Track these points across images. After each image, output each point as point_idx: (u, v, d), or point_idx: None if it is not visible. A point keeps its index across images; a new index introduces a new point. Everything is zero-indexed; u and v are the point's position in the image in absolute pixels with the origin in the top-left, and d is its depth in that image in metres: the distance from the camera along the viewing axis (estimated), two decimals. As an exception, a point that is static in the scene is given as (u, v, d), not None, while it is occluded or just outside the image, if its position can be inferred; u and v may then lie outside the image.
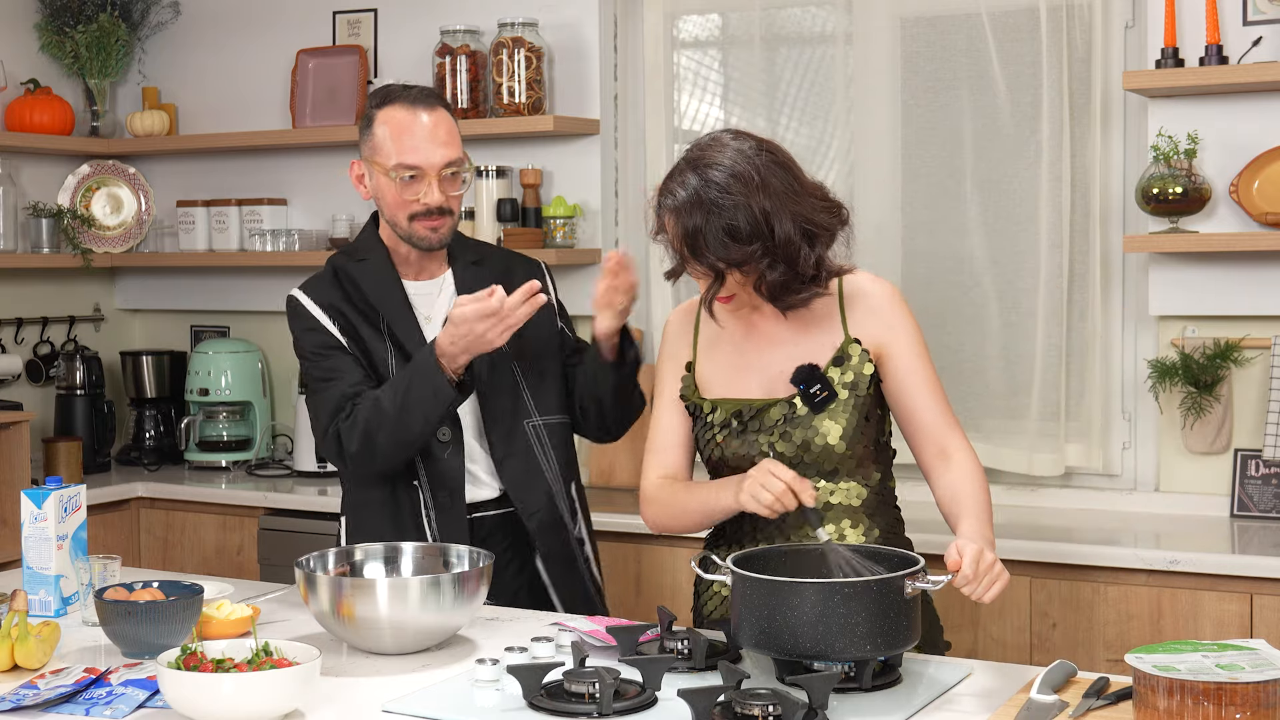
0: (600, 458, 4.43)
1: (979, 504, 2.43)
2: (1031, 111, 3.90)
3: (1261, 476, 3.68)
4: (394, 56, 4.69)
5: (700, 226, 2.36)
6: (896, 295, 2.54)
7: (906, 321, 2.52)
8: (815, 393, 2.45)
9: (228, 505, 4.40)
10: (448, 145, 2.82)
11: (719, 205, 2.36)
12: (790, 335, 2.52)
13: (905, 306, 2.54)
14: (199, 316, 5.17)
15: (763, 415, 2.48)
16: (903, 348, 2.50)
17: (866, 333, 2.50)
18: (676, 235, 2.40)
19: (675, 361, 2.64)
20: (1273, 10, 3.63)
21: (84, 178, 4.96)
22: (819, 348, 2.50)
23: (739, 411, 2.50)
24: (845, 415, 2.46)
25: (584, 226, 4.43)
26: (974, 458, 2.50)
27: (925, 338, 2.56)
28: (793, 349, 2.51)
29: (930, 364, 2.53)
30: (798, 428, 2.46)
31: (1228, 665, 1.93)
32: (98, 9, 4.89)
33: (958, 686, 2.20)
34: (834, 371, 2.47)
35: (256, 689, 2.00)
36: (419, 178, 2.81)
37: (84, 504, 2.77)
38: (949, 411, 2.52)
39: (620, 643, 2.31)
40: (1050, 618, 3.41)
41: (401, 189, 2.81)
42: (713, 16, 4.36)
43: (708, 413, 2.54)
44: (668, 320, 2.70)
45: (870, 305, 2.52)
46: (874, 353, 2.50)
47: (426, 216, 2.82)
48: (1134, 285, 3.87)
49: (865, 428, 2.48)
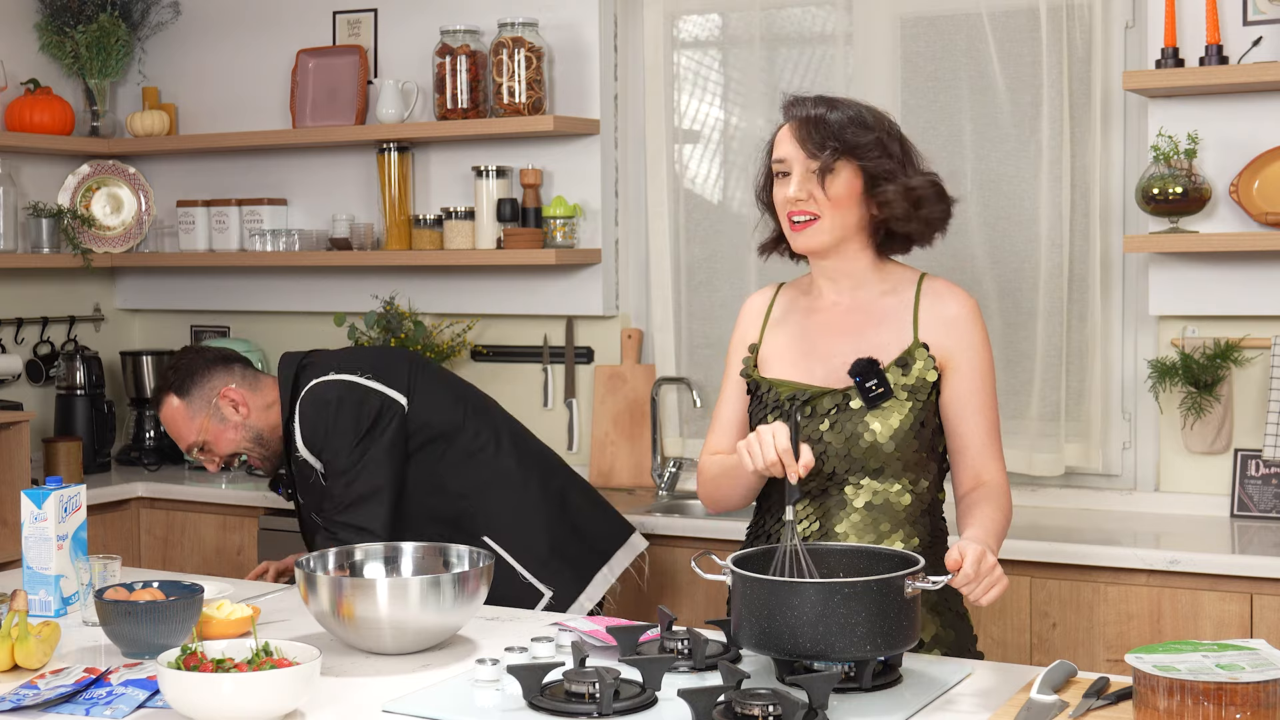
0: (600, 458, 4.43)
1: (993, 520, 2.43)
2: (1031, 111, 3.90)
3: (1261, 476, 3.69)
4: (394, 56, 4.69)
5: (824, 115, 2.46)
6: (976, 313, 2.52)
7: (979, 341, 2.51)
8: (871, 388, 2.44)
9: (228, 505, 4.40)
10: (181, 438, 3.30)
11: (848, 105, 2.49)
12: (858, 328, 2.51)
13: (982, 325, 2.52)
14: (199, 316, 5.17)
15: (816, 402, 2.48)
16: (969, 367, 2.49)
17: (936, 340, 2.49)
18: (795, 129, 2.46)
19: (742, 345, 2.64)
20: (1273, 10, 3.63)
21: (84, 178, 4.96)
22: (885, 345, 2.49)
23: (794, 395, 2.49)
24: (899, 416, 2.44)
25: (584, 226, 4.43)
26: (1006, 490, 2.50)
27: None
28: (859, 342, 2.49)
29: (991, 389, 2.51)
30: (849, 420, 2.45)
31: (1228, 665, 1.93)
32: (98, 9, 4.89)
33: (958, 686, 2.20)
34: (895, 371, 2.46)
35: (256, 689, 2.00)
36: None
37: (84, 504, 2.76)
38: (996, 441, 2.52)
39: (620, 643, 2.31)
40: (1050, 618, 3.41)
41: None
42: (713, 16, 4.36)
43: (764, 391, 2.54)
44: (744, 305, 2.69)
45: (947, 315, 2.50)
46: (940, 362, 2.49)
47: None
48: (1134, 285, 3.87)
49: (919, 433, 2.46)
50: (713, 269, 4.34)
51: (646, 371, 4.41)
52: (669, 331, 4.39)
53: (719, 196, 4.36)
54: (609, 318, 4.48)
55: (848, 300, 2.54)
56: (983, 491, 2.48)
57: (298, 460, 3.20)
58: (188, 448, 3.28)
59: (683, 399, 4.41)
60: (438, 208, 4.57)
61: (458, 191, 4.58)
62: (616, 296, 4.47)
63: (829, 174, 2.44)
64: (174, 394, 3.25)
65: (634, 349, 4.41)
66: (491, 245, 4.43)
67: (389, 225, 4.59)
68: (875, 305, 2.52)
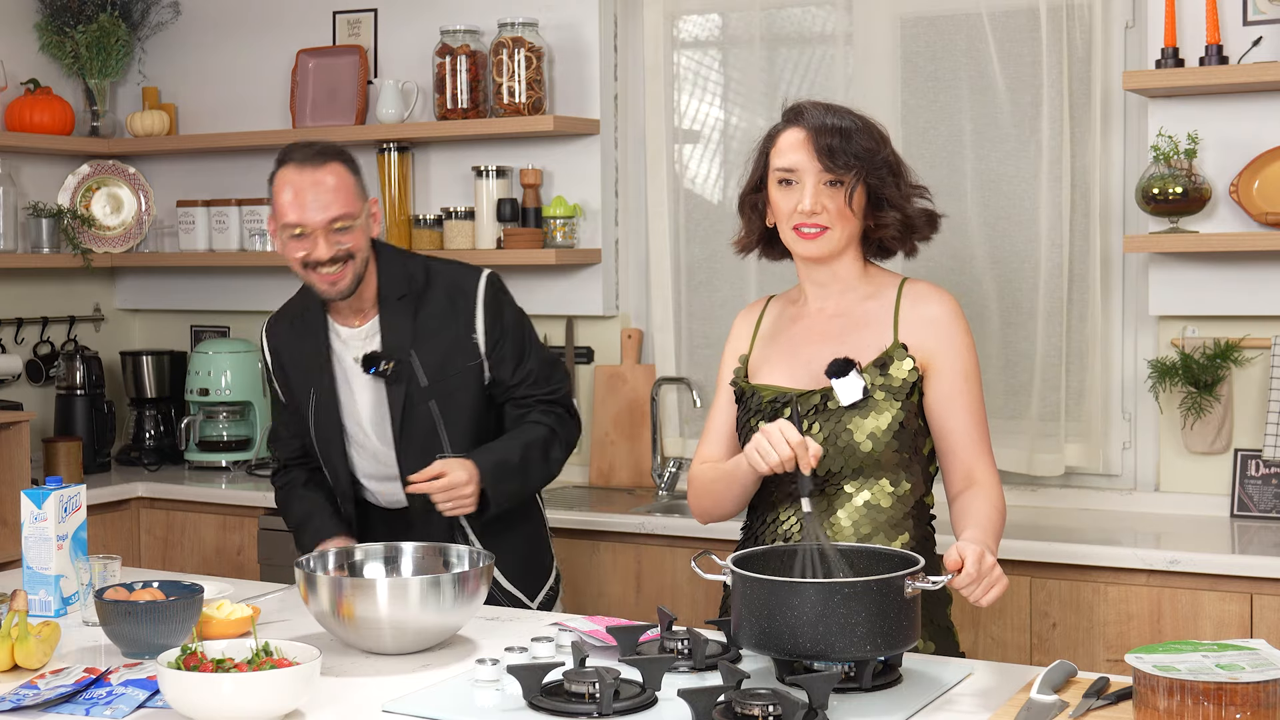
0: (600, 458, 4.43)
1: (989, 521, 2.43)
2: (1031, 111, 3.90)
3: (1261, 476, 3.68)
4: (394, 56, 4.69)
5: (845, 129, 2.48)
6: (957, 312, 2.54)
7: (961, 340, 2.52)
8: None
9: (228, 505, 4.40)
10: (331, 204, 2.90)
11: (854, 117, 2.52)
12: (840, 332, 2.54)
13: (964, 324, 2.54)
14: (199, 316, 5.17)
15: (799, 403, 2.49)
16: (951, 367, 2.50)
17: (916, 341, 2.50)
18: (811, 141, 2.47)
19: (734, 355, 2.67)
20: (1273, 10, 3.63)
21: (84, 178, 4.96)
22: (865, 347, 2.51)
23: (775, 398, 2.51)
24: (877, 416, 2.45)
25: (584, 226, 4.43)
26: (998, 488, 2.50)
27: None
28: (839, 345, 2.52)
29: (977, 388, 2.52)
30: (827, 421, 2.46)
31: (1228, 665, 1.93)
32: (98, 9, 4.89)
33: (958, 686, 2.20)
34: (873, 372, 2.47)
35: (256, 689, 2.00)
36: (304, 234, 2.90)
37: (84, 504, 2.77)
38: (984, 439, 2.52)
39: (620, 643, 2.31)
40: (1050, 618, 3.41)
41: (293, 245, 2.92)
42: (713, 16, 4.36)
43: (748, 396, 2.57)
44: (737, 317, 2.73)
45: (928, 315, 2.52)
46: (921, 362, 2.50)
47: (318, 268, 2.92)
48: (1134, 285, 3.87)
49: (900, 434, 2.47)
50: (713, 269, 4.34)
51: (646, 371, 4.41)
52: (669, 331, 4.39)
53: (719, 196, 4.36)
54: (609, 318, 4.48)
55: (832, 306, 2.57)
56: (975, 491, 2.48)
57: (455, 340, 3.03)
58: (331, 220, 2.88)
59: (683, 399, 4.41)
60: (438, 208, 4.57)
61: (458, 191, 4.58)
62: (616, 296, 4.47)
63: (847, 189, 2.47)
64: (346, 166, 2.98)
65: (634, 349, 4.41)
66: (491, 245, 4.43)
67: (389, 225, 4.59)
68: (857, 309, 2.55)
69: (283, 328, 3.15)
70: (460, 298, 3.06)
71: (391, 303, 3.02)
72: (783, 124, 2.54)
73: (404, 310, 3.02)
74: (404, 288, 3.03)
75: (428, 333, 3.02)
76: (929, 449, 2.55)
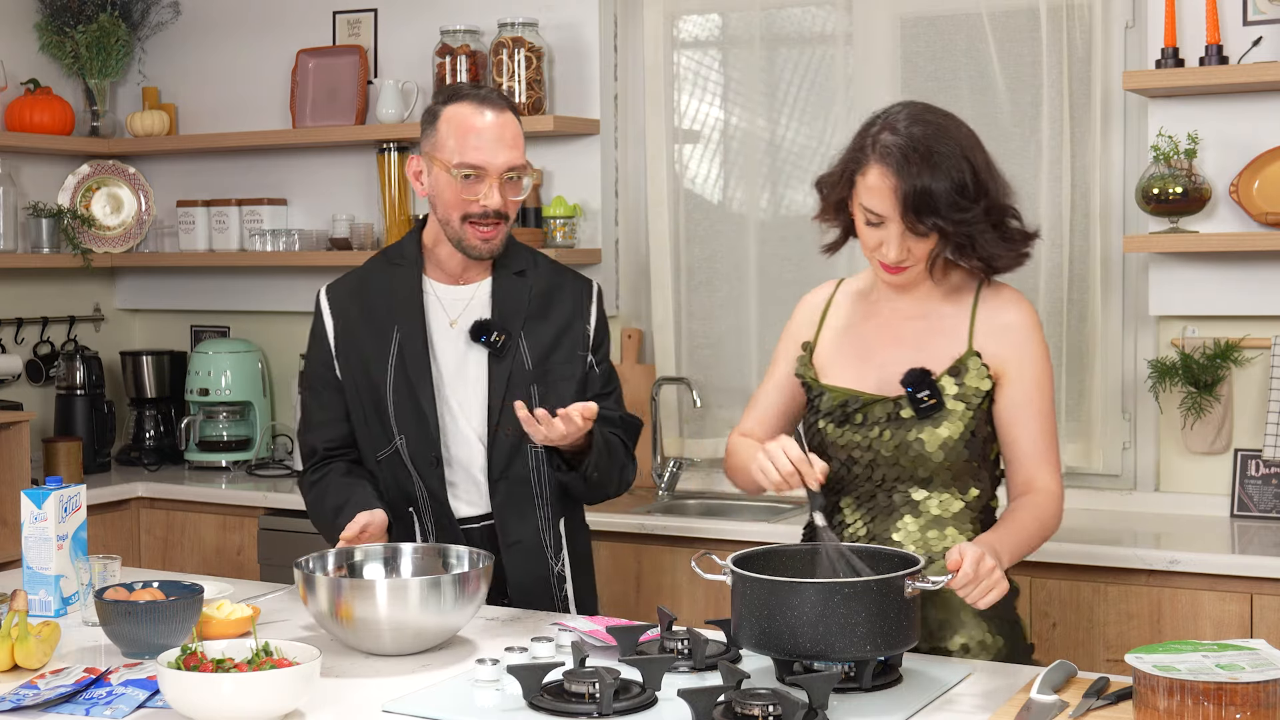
0: (600, 458, 4.43)
1: (1021, 528, 2.40)
2: (1031, 111, 3.90)
3: (1261, 476, 3.68)
4: (394, 56, 4.69)
5: (930, 187, 2.34)
6: (1034, 321, 2.50)
7: (1035, 350, 2.48)
8: (923, 399, 2.42)
9: (228, 505, 4.40)
10: (512, 148, 2.76)
11: (947, 156, 2.35)
12: (914, 337, 2.50)
13: (1039, 334, 2.50)
14: (199, 316, 5.17)
15: (868, 410, 2.47)
16: (1023, 377, 2.47)
17: (991, 349, 2.47)
18: (895, 192, 2.35)
19: (794, 341, 2.63)
20: (1273, 10, 3.63)
21: (84, 178, 4.96)
22: (938, 354, 2.48)
23: (845, 401, 2.49)
24: (950, 426, 2.43)
25: (584, 226, 4.43)
26: (1054, 501, 2.47)
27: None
28: (914, 351, 2.48)
29: (1048, 398, 2.48)
30: (899, 429, 2.44)
31: (1228, 665, 1.93)
32: (98, 9, 4.89)
33: (958, 686, 2.20)
34: (947, 380, 2.45)
35: (256, 689, 2.00)
36: (479, 178, 2.74)
37: (84, 504, 2.76)
38: (1051, 449, 2.49)
39: (620, 643, 2.31)
40: (1050, 618, 3.41)
41: (461, 188, 2.74)
42: (713, 16, 4.36)
43: (816, 396, 2.54)
44: (802, 300, 2.68)
45: (1004, 323, 2.48)
46: (994, 371, 2.47)
47: (482, 220, 2.76)
48: (1134, 285, 3.87)
49: (970, 442, 2.45)
50: (713, 269, 4.34)
51: (646, 371, 4.41)
52: (669, 331, 4.39)
53: (719, 196, 4.36)
54: (609, 318, 4.47)
55: (908, 307, 2.53)
56: (1027, 499, 2.46)
57: (567, 328, 2.89)
58: (508, 166, 2.75)
59: (683, 399, 4.40)
60: (438, 208, 4.56)
61: (458, 191, 4.57)
62: (616, 296, 4.47)
63: (933, 243, 2.41)
64: (517, 117, 2.82)
65: (634, 349, 4.41)
66: (491, 245, 4.42)
67: (389, 225, 4.59)
68: (934, 311, 2.51)
69: (349, 286, 2.92)
70: (575, 288, 2.94)
71: (509, 274, 2.87)
72: (874, 154, 2.40)
73: (520, 286, 2.87)
74: (523, 263, 2.90)
75: (538, 314, 2.87)
76: (995, 453, 2.53)
